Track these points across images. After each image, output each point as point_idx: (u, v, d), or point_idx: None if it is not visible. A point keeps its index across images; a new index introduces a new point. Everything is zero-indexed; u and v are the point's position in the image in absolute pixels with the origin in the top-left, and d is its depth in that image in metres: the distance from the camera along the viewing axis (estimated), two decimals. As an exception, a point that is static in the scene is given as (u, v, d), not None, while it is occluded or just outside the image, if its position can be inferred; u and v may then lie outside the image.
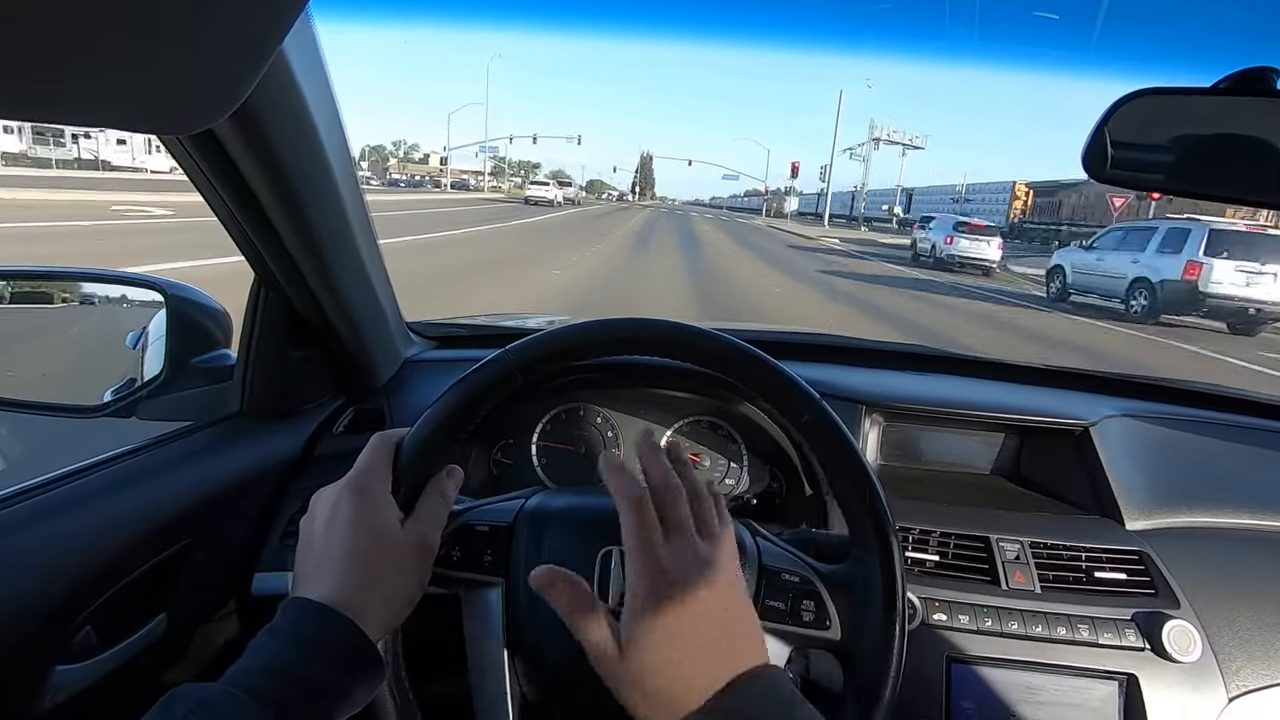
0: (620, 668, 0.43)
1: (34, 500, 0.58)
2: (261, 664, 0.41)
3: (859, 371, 1.02)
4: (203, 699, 0.38)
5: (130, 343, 0.91)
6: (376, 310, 0.87)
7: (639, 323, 0.56)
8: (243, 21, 0.31)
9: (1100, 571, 0.76)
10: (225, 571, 0.75)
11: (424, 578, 0.51)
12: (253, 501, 0.78)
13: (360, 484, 0.50)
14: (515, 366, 0.54)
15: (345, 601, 0.45)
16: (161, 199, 14.44)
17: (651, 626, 0.43)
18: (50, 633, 0.55)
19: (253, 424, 0.81)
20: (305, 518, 0.51)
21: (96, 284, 0.95)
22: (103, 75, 0.29)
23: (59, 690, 0.56)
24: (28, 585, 0.54)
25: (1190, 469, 0.91)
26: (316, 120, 0.61)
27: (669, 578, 0.44)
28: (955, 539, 0.79)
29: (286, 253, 0.69)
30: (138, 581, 0.62)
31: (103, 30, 0.27)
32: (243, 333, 0.79)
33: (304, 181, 0.63)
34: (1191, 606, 0.73)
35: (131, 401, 0.78)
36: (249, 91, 0.35)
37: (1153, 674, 0.69)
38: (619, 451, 0.93)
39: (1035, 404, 0.95)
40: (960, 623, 0.72)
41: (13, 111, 0.31)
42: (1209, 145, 0.56)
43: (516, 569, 0.55)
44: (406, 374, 0.97)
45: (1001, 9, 4.27)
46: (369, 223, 0.78)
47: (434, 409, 0.54)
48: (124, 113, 0.33)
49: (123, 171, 28.67)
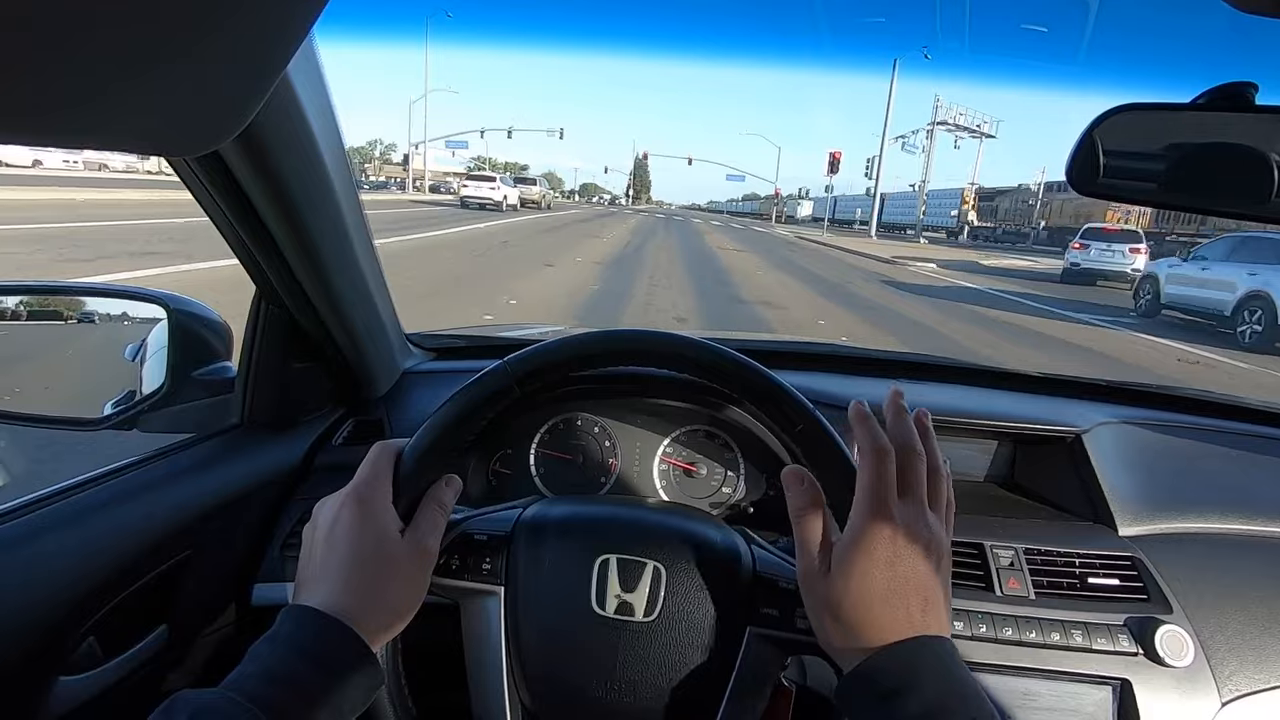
0: (822, 586, 0.47)
1: (38, 513, 0.58)
2: (261, 670, 0.42)
3: (853, 380, 1.03)
4: (203, 704, 0.39)
5: (129, 355, 0.92)
6: (376, 322, 0.88)
7: (635, 334, 0.57)
8: (250, 45, 0.32)
9: (1093, 577, 0.77)
10: (225, 583, 0.75)
11: (423, 586, 0.52)
12: (253, 513, 0.78)
13: (362, 493, 0.51)
14: (514, 378, 0.55)
15: (345, 609, 0.46)
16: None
17: (866, 562, 0.46)
18: (53, 644, 0.55)
19: (253, 436, 0.81)
20: (308, 526, 0.52)
21: (96, 298, 0.96)
22: (110, 99, 0.30)
23: (62, 701, 0.56)
24: (31, 598, 0.54)
25: (1181, 475, 0.91)
26: (318, 137, 0.62)
27: (893, 527, 0.46)
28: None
29: (287, 266, 0.70)
30: (139, 593, 0.63)
31: (111, 54, 0.28)
32: (243, 345, 0.80)
33: (305, 197, 0.64)
34: (1184, 611, 0.73)
35: (133, 414, 0.79)
36: (255, 112, 0.36)
37: (1146, 679, 0.70)
38: (615, 463, 0.94)
39: (1028, 411, 0.96)
40: (954, 629, 0.72)
41: (21, 136, 0.32)
42: (1191, 158, 0.57)
43: (515, 577, 0.56)
44: (406, 385, 0.98)
45: (991, 22, 4.17)
46: (368, 235, 0.79)
47: (434, 419, 0.55)
48: (131, 136, 0.34)
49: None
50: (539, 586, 0.55)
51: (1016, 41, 13.12)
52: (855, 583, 0.46)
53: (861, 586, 0.46)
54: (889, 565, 0.46)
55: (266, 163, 0.58)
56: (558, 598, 0.55)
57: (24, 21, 0.24)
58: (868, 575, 0.46)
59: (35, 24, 0.25)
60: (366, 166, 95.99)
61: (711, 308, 8.37)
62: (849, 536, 0.47)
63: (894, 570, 0.46)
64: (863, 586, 0.46)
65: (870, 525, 0.46)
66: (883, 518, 0.47)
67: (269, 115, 0.55)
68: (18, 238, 8.43)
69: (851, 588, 0.46)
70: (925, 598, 0.46)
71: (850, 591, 0.46)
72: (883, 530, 0.46)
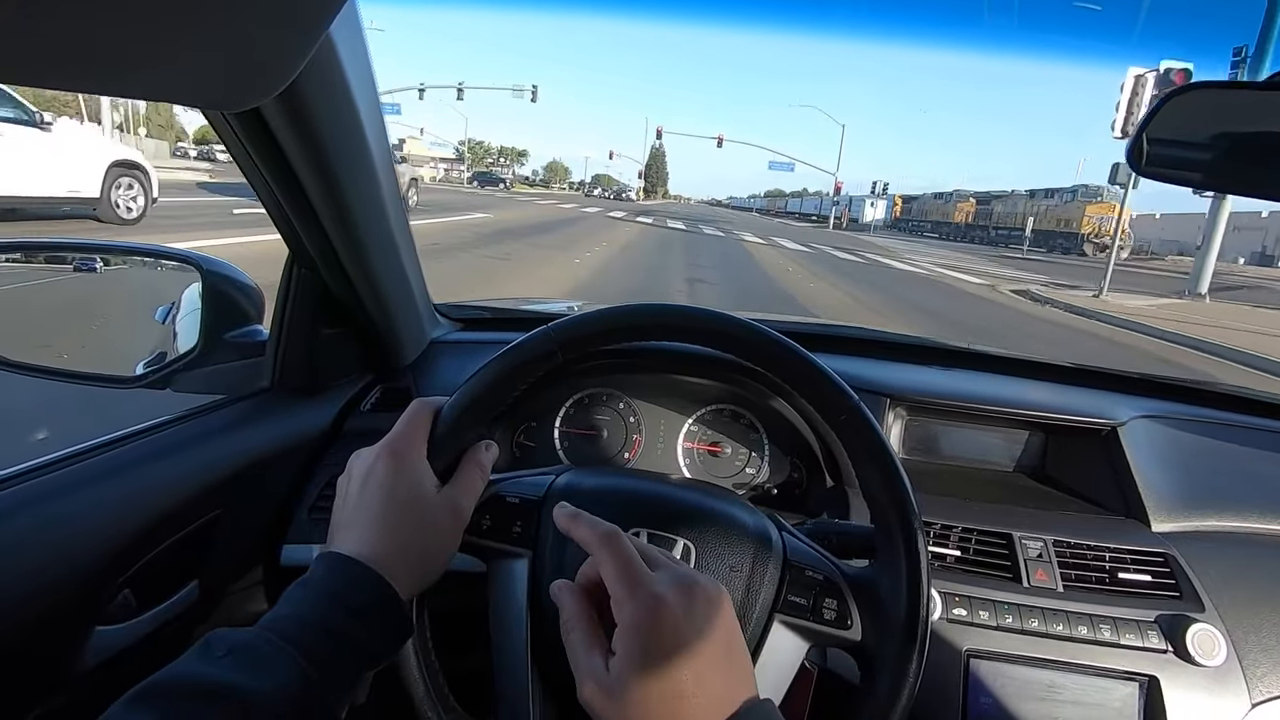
0: (608, 706, 0.41)
1: (76, 467, 0.59)
2: (294, 613, 0.42)
3: (884, 365, 1.02)
4: (239, 641, 0.40)
5: (159, 316, 0.93)
6: (406, 290, 0.88)
7: (681, 310, 0.57)
8: (296, 2, 0.32)
9: (1124, 572, 0.76)
10: (255, 542, 0.77)
11: (455, 543, 0.52)
12: (282, 475, 0.79)
13: (397, 447, 0.51)
14: (557, 344, 0.55)
15: (376, 557, 0.46)
16: None
17: (649, 665, 0.40)
18: (91, 595, 0.57)
19: (283, 399, 0.82)
20: (342, 476, 0.52)
21: (132, 257, 0.97)
22: (165, 52, 0.29)
23: (99, 651, 0.57)
24: (71, 548, 0.55)
25: (1219, 473, 0.89)
26: (358, 102, 0.61)
27: (665, 599, 0.42)
28: (977, 535, 0.79)
29: (323, 231, 0.70)
30: (172, 549, 0.64)
31: (166, 10, 0.27)
32: (275, 309, 0.80)
33: (344, 161, 0.64)
34: (1216, 610, 0.72)
35: (167, 373, 0.80)
36: (299, 70, 0.35)
37: (1175, 676, 0.69)
38: (639, 439, 0.94)
39: (1061, 402, 0.94)
40: (980, 618, 0.72)
41: (79, 83, 0.32)
42: (1258, 142, 0.55)
43: (544, 543, 0.56)
44: (433, 354, 0.98)
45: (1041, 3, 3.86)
46: (401, 204, 0.79)
47: (474, 380, 0.55)
48: (182, 88, 0.34)
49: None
50: (566, 553, 0.55)
51: (1066, 20, 12.39)
52: (645, 692, 0.40)
53: (656, 694, 0.40)
54: (677, 651, 0.40)
55: (306, 123, 0.58)
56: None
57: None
58: (658, 678, 0.40)
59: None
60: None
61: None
62: (623, 641, 0.41)
63: (687, 653, 0.41)
64: (656, 693, 0.40)
65: (644, 614, 0.41)
66: (652, 598, 0.41)
67: (311, 75, 0.54)
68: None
69: (643, 698, 0.40)
70: (725, 671, 0.42)
71: (642, 703, 0.40)
72: (659, 613, 0.41)
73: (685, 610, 0.42)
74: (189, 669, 0.38)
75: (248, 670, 0.38)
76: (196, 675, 0.38)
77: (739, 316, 0.56)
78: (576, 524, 0.47)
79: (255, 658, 0.39)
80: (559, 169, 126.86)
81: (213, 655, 0.39)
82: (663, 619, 0.41)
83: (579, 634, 0.44)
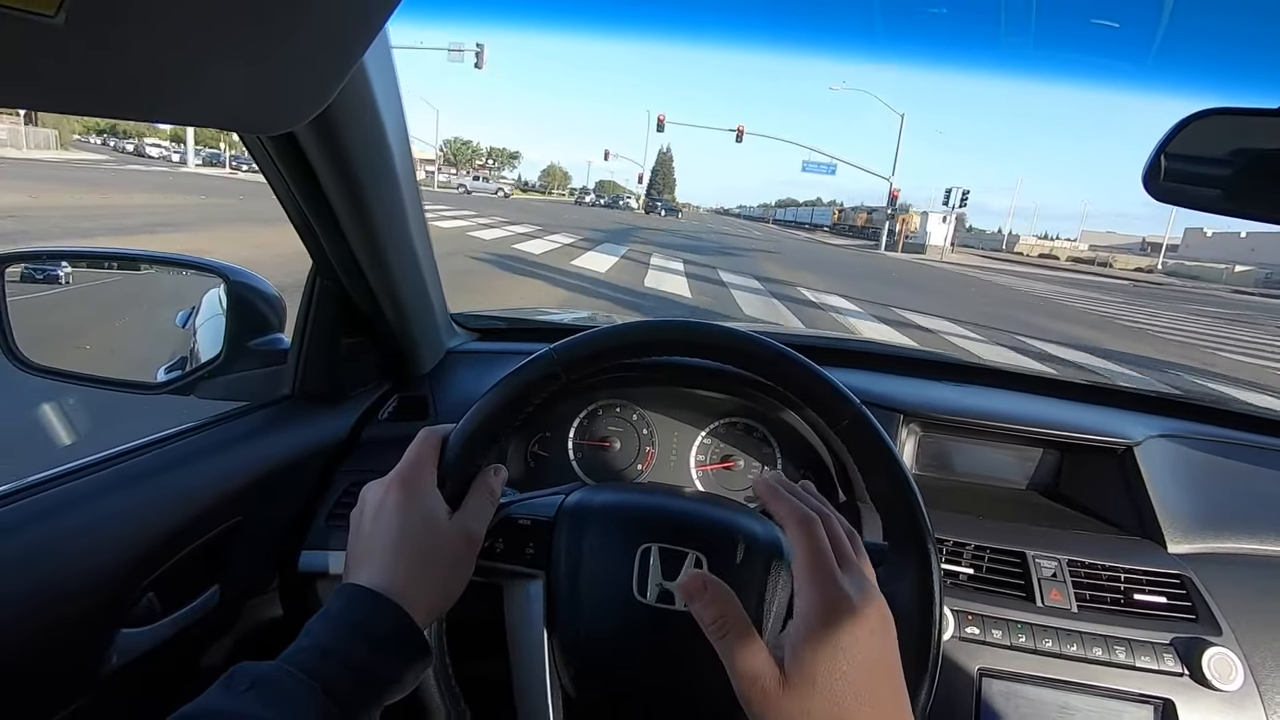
0: (781, 702, 0.39)
1: (104, 473, 0.61)
2: (315, 645, 0.43)
3: (897, 380, 1.02)
4: (262, 675, 0.40)
5: (180, 322, 0.95)
6: (424, 301, 0.89)
7: (682, 324, 0.57)
8: (333, 30, 0.33)
9: (1140, 594, 0.75)
10: (274, 548, 0.78)
11: (469, 569, 0.53)
12: (301, 482, 0.80)
13: (407, 477, 0.52)
14: (559, 366, 0.55)
15: (393, 587, 0.47)
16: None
17: (831, 656, 0.39)
18: (116, 598, 0.58)
19: (303, 407, 0.83)
20: (355, 510, 0.53)
21: (158, 266, 0.99)
22: (205, 78, 0.31)
23: (123, 652, 0.59)
24: (98, 552, 0.57)
25: (1237, 494, 0.88)
26: (385, 120, 0.63)
27: (848, 605, 0.41)
28: (990, 553, 0.79)
29: (346, 243, 0.71)
30: (194, 554, 0.65)
31: (204, 36, 0.29)
32: (297, 318, 0.82)
33: (372, 180, 0.65)
34: (1234, 634, 0.71)
35: (191, 380, 0.82)
36: (335, 93, 0.36)
37: (1191, 700, 0.68)
38: (653, 451, 0.94)
39: (1076, 420, 0.94)
40: (993, 637, 0.72)
41: (122, 111, 0.34)
42: (1275, 167, 0.55)
43: (557, 563, 0.56)
44: (449, 364, 0.99)
45: (1057, 20, 3.92)
46: (423, 217, 0.80)
47: (479, 406, 0.55)
48: (221, 113, 0.35)
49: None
50: (580, 573, 0.55)
51: (1083, 39, 12.03)
52: (823, 684, 0.38)
53: (833, 689, 0.38)
54: (854, 653, 0.39)
55: (338, 143, 0.59)
56: (599, 584, 0.56)
57: (137, 9, 0.25)
58: (835, 672, 0.39)
59: (142, 11, 0.25)
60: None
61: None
62: (803, 630, 0.40)
63: (862, 656, 0.40)
64: (835, 688, 0.38)
65: (825, 609, 0.40)
66: (835, 597, 0.41)
67: (344, 97, 0.56)
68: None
69: (820, 692, 0.38)
70: (894, 685, 0.41)
71: (819, 696, 0.38)
72: (839, 612, 0.40)
73: (868, 618, 0.41)
74: (214, 704, 0.39)
75: (271, 704, 0.39)
76: (221, 710, 0.38)
77: (744, 330, 0.57)
78: (776, 499, 0.46)
79: (278, 692, 0.40)
80: (557, 174, 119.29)
81: (236, 690, 0.39)
82: (852, 619, 0.40)
83: (736, 634, 0.42)
